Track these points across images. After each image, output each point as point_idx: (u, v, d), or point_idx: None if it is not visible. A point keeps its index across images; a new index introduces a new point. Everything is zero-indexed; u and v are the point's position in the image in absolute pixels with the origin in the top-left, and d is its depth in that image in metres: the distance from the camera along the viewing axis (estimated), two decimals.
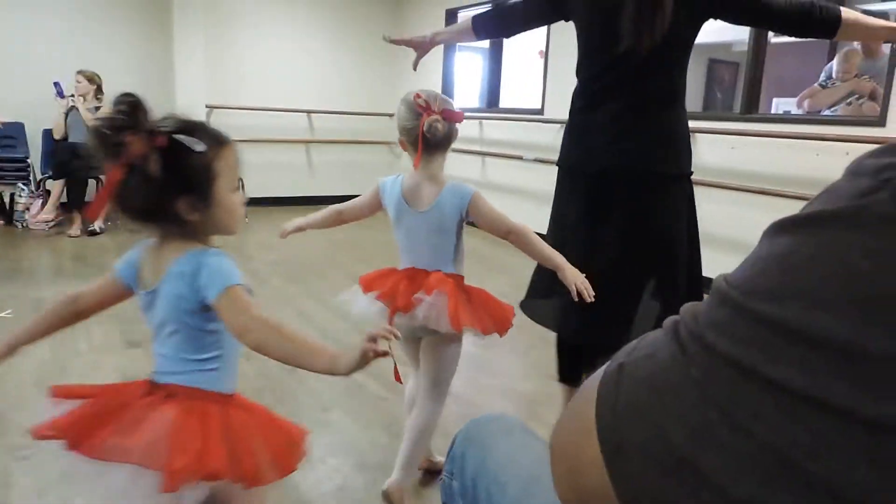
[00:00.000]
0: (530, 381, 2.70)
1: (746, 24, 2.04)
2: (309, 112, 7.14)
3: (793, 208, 0.38)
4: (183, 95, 6.34)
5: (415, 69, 2.22)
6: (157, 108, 1.13)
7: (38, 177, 5.69)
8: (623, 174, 1.82)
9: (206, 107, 6.49)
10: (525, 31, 2.09)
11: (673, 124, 1.86)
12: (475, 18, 2.08)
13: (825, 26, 1.70)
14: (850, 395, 0.33)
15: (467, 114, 1.94)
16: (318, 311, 3.46)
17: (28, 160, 5.62)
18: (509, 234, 1.68)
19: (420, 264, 1.73)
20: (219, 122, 6.64)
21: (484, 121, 6.27)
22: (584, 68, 1.88)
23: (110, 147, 1.02)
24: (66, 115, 5.40)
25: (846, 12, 1.69)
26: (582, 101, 1.89)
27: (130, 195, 1.06)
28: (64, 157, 5.31)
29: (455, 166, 6.69)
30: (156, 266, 1.16)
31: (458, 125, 1.69)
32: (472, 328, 1.64)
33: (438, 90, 7.49)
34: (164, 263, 1.14)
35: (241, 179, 1.23)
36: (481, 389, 2.60)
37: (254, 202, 6.61)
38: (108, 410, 1.08)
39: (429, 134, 1.62)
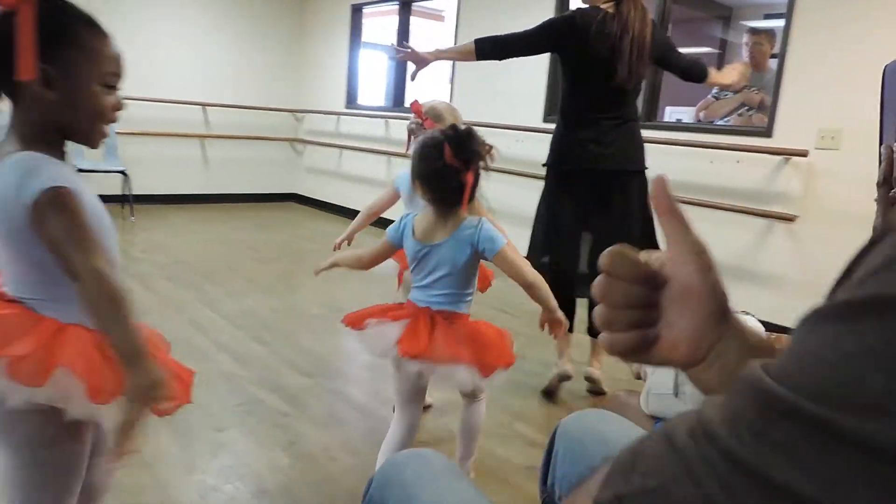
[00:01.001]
0: (437, 391, 2.62)
1: (669, 72, 2.89)
2: (204, 105, 6.72)
3: (689, 213, 0.29)
4: None
5: (412, 80, 2.69)
6: None
7: None
8: (611, 172, 2.54)
9: None
10: (521, 57, 2.67)
11: (638, 134, 2.61)
12: (478, 42, 2.58)
13: (701, 78, 2.81)
14: None
15: (372, 112, 2.32)
16: (213, 321, 3.22)
17: None
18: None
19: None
20: None
21: (390, 120, 6.15)
22: (579, 94, 2.56)
23: None
24: None
25: (711, 71, 2.84)
26: (575, 118, 2.57)
27: None
28: None
29: (358, 165, 6.54)
30: None
31: None
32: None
33: (343, 88, 7.24)
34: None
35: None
36: (387, 401, 2.49)
37: (141, 199, 6.16)
38: None
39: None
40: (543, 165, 2.73)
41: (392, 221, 1.80)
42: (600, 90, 2.47)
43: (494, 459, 2.09)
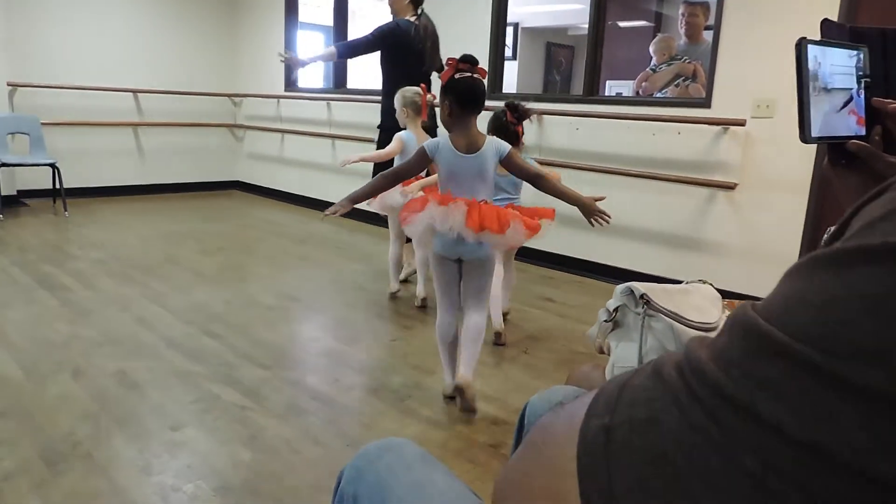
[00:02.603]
0: (398, 374, 2.61)
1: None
2: (136, 91, 6.43)
3: (634, 185, 0.29)
4: None
5: (293, 79, 3.93)
6: None
7: None
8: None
9: (9, 84, 5.62)
10: (366, 55, 3.89)
11: None
12: (336, 46, 3.86)
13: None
14: None
15: (314, 95, 2.53)
16: (160, 317, 3.12)
17: None
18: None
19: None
20: (26, 102, 5.81)
21: (333, 102, 6.03)
22: (402, 76, 3.56)
23: None
24: None
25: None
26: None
27: None
28: None
29: (302, 150, 6.40)
30: None
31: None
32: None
33: (281, 71, 7.14)
34: None
35: None
36: (348, 389, 2.47)
37: (73, 193, 5.87)
38: None
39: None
40: (378, 128, 3.89)
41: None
42: (416, 73, 3.64)
43: (460, 440, 2.10)
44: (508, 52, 5.21)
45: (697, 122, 3.68)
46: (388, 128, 3.57)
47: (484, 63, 4.82)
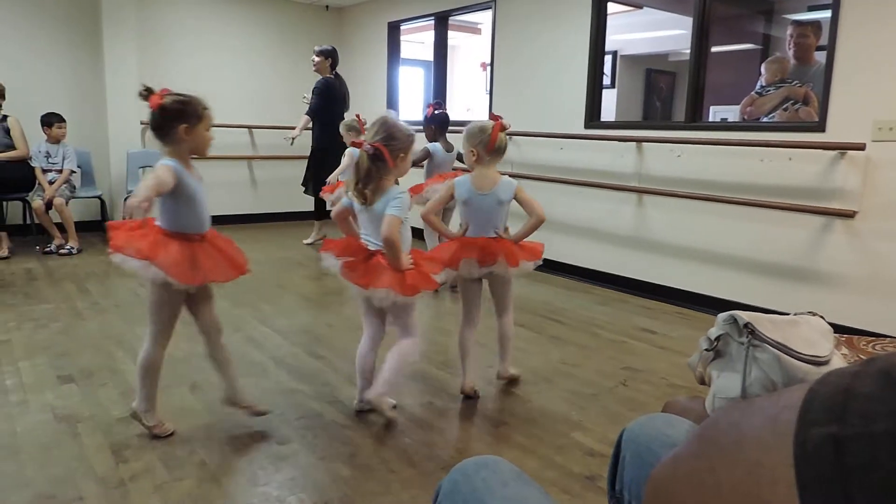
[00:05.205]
0: (492, 401, 2.62)
1: None
2: (250, 127, 6.92)
3: (740, 213, 0.29)
4: (115, 110, 6.04)
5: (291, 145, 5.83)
6: (89, 124, 1.02)
7: None
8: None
9: (142, 123, 6.21)
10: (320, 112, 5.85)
11: None
12: (308, 113, 5.89)
13: None
14: None
15: (414, 127, 2.51)
16: (269, 337, 3.30)
17: None
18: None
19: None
20: (153, 139, 6.36)
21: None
22: (332, 120, 5.57)
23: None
24: None
25: None
26: (330, 130, 5.55)
27: None
28: None
29: (407, 177, 6.59)
30: None
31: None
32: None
33: (383, 103, 7.55)
34: None
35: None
36: (442, 412, 2.51)
37: None
38: None
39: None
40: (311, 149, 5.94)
41: None
42: (340, 115, 5.63)
43: (554, 470, 2.08)
44: (607, 80, 5.18)
45: (810, 146, 3.50)
46: (320, 147, 5.82)
47: (581, 92, 4.84)
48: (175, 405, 2.45)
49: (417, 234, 5.12)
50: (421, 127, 4.12)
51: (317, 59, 5.70)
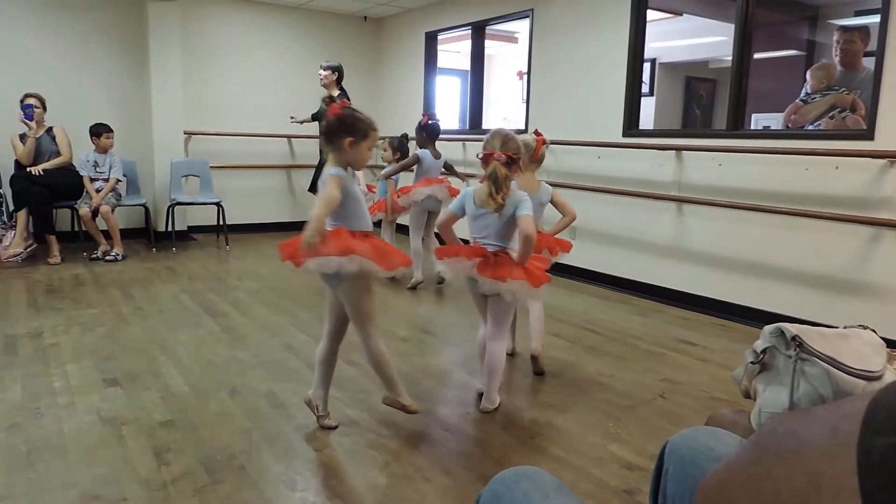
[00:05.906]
0: (529, 411, 2.59)
1: None
2: (289, 137, 7.04)
3: (784, 223, 0.28)
4: (160, 121, 6.21)
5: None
6: (135, 134, 1.05)
7: (12, 208, 5.50)
8: None
9: (185, 133, 6.37)
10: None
11: None
12: (314, 114, 5.98)
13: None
14: None
15: (450, 136, 2.64)
16: (306, 344, 3.34)
17: None
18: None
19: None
20: (197, 148, 6.54)
21: (467, 142, 6.22)
22: None
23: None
24: (37, 139, 5.30)
25: None
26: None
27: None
28: (20, 186, 5.16)
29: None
30: None
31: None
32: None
33: (419, 111, 7.64)
34: None
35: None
36: (478, 422, 2.49)
37: (234, 229, 6.48)
38: None
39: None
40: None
41: None
42: None
43: (591, 482, 2.05)
44: (645, 88, 5.12)
45: (858, 154, 3.40)
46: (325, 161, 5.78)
47: (619, 100, 4.80)
48: (214, 410, 2.50)
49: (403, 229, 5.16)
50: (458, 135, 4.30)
51: (324, 73, 5.78)
